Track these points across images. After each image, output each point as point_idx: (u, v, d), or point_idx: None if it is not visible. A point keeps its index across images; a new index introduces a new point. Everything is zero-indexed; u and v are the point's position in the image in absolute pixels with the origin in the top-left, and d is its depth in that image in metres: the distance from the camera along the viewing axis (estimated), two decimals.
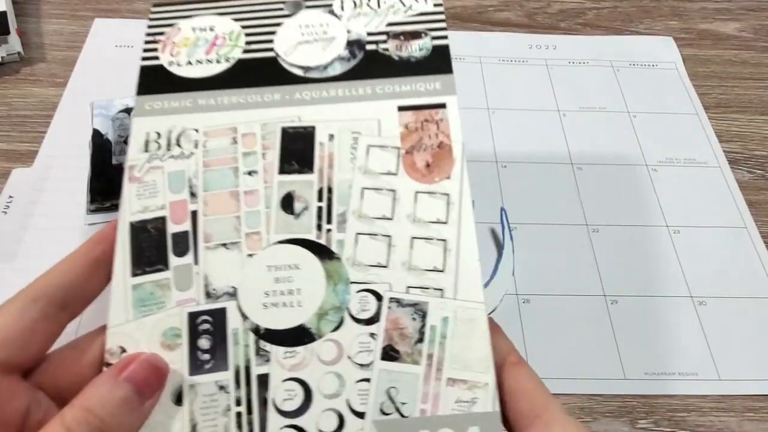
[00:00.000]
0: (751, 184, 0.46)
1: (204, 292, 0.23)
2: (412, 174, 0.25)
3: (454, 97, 0.27)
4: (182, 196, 0.24)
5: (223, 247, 0.24)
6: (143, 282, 0.23)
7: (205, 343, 0.22)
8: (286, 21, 0.28)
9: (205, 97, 0.26)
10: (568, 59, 0.54)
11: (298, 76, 0.27)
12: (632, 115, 0.50)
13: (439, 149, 0.25)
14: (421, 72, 0.27)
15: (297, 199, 0.24)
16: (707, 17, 0.59)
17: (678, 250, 0.42)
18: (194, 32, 0.28)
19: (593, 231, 0.43)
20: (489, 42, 0.55)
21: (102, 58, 0.51)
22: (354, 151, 0.25)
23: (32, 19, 0.53)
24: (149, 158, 0.25)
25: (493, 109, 0.50)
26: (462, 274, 0.23)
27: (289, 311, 0.23)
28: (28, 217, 0.40)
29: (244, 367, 0.22)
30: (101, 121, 0.46)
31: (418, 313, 0.23)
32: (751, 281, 0.41)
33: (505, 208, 0.43)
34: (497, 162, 0.46)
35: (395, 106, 0.26)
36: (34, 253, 0.39)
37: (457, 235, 0.24)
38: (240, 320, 0.23)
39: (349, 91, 0.26)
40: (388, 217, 0.24)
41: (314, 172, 0.25)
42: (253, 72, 0.27)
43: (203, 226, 0.24)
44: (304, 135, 0.25)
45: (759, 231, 0.43)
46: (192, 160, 0.25)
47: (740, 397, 0.36)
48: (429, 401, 0.21)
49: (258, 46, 0.27)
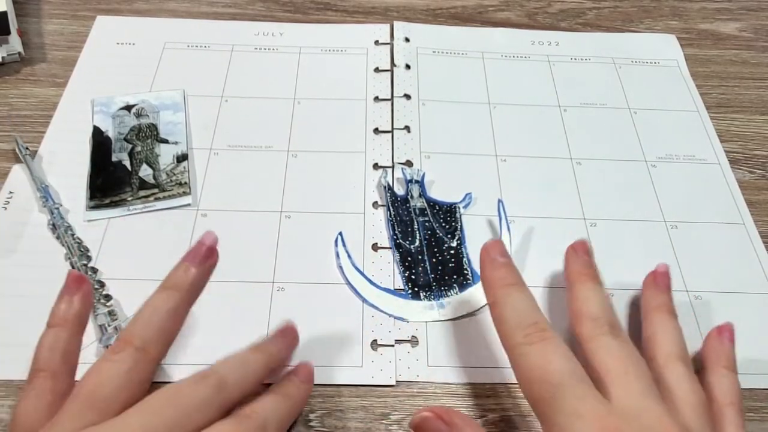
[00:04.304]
0: (751, 184, 0.46)
1: None
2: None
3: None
4: None
5: None
6: None
7: None
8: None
9: None
10: (570, 55, 0.54)
11: None
12: (633, 111, 0.50)
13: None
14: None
15: None
16: (707, 17, 0.59)
17: (675, 245, 0.42)
18: None
19: (591, 225, 0.43)
20: (492, 38, 0.55)
21: (103, 56, 0.51)
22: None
23: (33, 19, 0.54)
24: None
25: (495, 104, 0.50)
26: None
27: None
28: (28, 212, 0.40)
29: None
30: (101, 118, 0.46)
31: None
32: (748, 277, 0.41)
33: (503, 201, 0.43)
34: (497, 156, 0.46)
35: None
36: (34, 249, 0.39)
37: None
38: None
39: None
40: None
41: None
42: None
43: None
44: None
45: (759, 231, 0.43)
46: None
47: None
48: None
49: None
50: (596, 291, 0.33)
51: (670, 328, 0.33)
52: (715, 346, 0.34)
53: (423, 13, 0.57)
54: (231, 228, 0.41)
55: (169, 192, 0.42)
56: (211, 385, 0.27)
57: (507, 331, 0.30)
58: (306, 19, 0.56)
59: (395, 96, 0.49)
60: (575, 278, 0.34)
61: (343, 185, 0.44)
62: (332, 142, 0.46)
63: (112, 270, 0.38)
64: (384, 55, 0.52)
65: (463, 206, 0.43)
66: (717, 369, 0.33)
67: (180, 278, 0.30)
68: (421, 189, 0.43)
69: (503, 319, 0.30)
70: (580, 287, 0.33)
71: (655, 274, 0.37)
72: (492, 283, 0.32)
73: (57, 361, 0.28)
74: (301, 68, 0.51)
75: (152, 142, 0.45)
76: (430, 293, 0.38)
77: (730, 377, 0.33)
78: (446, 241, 0.41)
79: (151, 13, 0.55)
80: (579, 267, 0.34)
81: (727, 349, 0.34)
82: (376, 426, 0.33)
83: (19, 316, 0.36)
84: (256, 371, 0.30)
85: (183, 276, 0.30)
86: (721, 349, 0.34)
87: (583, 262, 0.35)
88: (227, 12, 0.56)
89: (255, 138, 0.46)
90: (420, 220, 0.42)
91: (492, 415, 0.34)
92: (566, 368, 0.27)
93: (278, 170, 0.44)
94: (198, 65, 0.51)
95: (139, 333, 0.28)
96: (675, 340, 0.33)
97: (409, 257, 0.40)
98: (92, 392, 0.26)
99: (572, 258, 0.35)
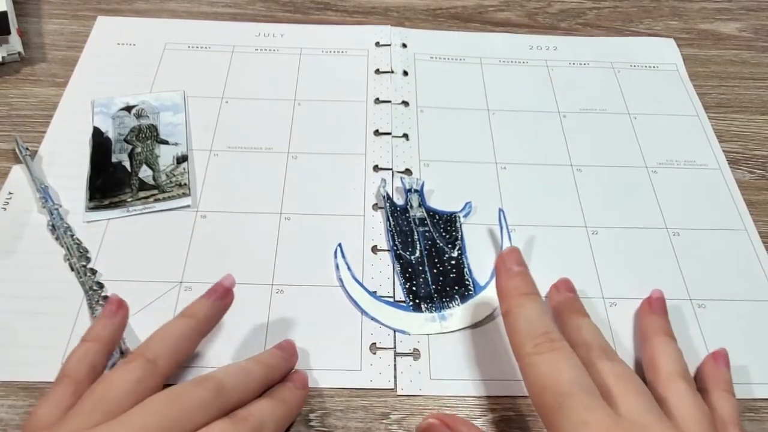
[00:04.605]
0: (751, 184, 0.46)
1: None
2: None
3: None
4: None
5: None
6: None
7: None
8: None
9: None
10: (568, 60, 0.54)
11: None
12: (632, 116, 0.50)
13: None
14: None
15: None
16: (707, 17, 0.59)
17: (677, 253, 0.42)
18: None
19: (592, 233, 0.42)
20: (490, 43, 0.55)
21: (103, 56, 0.51)
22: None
23: (33, 19, 0.54)
24: None
25: (493, 110, 0.49)
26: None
27: None
28: (28, 213, 0.40)
29: None
30: (102, 119, 0.46)
31: None
32: (750, 284, 0.40)
33: (504, 210, 0.42)
34: (497, 163, 0.46)
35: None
36: (33, 250, 0.39)
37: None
38: None
39: None
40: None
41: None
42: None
43: None
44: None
45: (759, 231, 0.43)
46: None
47: (741, 397, 0.36)
48: None
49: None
50: (586, 323, 0.34)
51: (670, 349, 0.34)
52: (713, 371, 0.35)
53: (423, 13, 0.57)
54: (230, 229, 0.41)
55: (168, 193, 0.42)
56: (209, 388, 0.28)
57: (518, 341, 0.30)
58: (306, 19, 0.56)
59: (393, 103, 0.49)
60: (564, 315, 0.35)
61: (343, 187, 0.44)
62: (332, 144, 0.46)
63: (110, 271, 0.38)
64: (384, 57, 0.52)
65: (463, 215, 0.42)
66: (717, 392, 0.33)
67: (198, 308, 0.32)
68: (421, 198, 0.43)
69: (515, 329, 0.31)
70: (566, 320, 0.35)
71: (650, 300, 0.37)
72: (506, 293, 0.32)
73: (83, 372, 0.30)
74: (302, 69, 0.51)
75: (152, 143, 0.45)
76: (431, 305, 0.38)
77: (731, 400, 0.33)
78: (447, 252, 0.40)
79: (151, 14, 0.55)
80: (566, 305, 0.36)
81: (724, 374, 0.34)
82: (376, 426, 0.33)
83: (19, 317, 0.36)
84: (256, 380, 0.31)
85: (200, 307, 0.33)
86: (719, 374, 0.34)
87: (568, 300, 0.37)
88: (227, 12, 0.56)
89: (255, 139, 0.46)
90: (420, 230, 0.41)
91: (492, 415, 0.34)
92: (575, 378, 0.28)
93: (278, 172, 0.44)
94: (198, 66, 0.51)
95: (152, 347, 0.30)
96: (676, 359, 0.33)
97: (410, 268, 0.39)
98: (102, 395, 0.28)
99: (556, 298, 0.37)
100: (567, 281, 0.38)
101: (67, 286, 0.37)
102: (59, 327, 0.36)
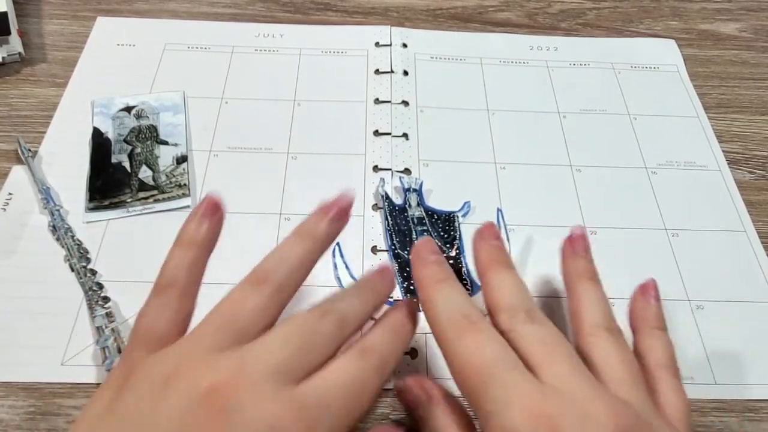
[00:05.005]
0: (751, 185, 0.46)
1: None
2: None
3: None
4: None
5: None
6: None
7: None
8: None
9: None
10: (569, 61, 0.54)
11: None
12: (633, 117, 0.50)
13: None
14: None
15: None
16: (707, 17, 0.59)
17: (676, 254, 0.42)
18: None
19: (591, 233, 0.42)
20: (490, 43, 0.55)
21: (103, 57, 0.51)
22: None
23: (33, 19, 0.54)
24: None
25: (493, 111, 0.49)
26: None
27: None
28: (28, 214, 0.40)
29: None
30: (101, 119, 0.46)
31: None
32: (749, 286, 0.40)
33: (502, 210, 0.42)
34: (496, 163, 0.46)
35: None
36: (33, 250, 0.39)
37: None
38: None
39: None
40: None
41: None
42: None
43: None
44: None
45: (758, 232, 0.43)
46: None
47: (740, 398, 0.36)
48: None
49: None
50: (509, 277, 0.30)
51: (593, 297, 0.31)
52: (642, 307, 0.33)
53: (423, 14, 0.57)
54: (230, 230, 0.41)
55: (168, 194, 0.42)
56: (333, 321, 0.27)
57: (439, 329, 0.28)
58: (306, 20, 0.56)
59: (393, 103, 0.49)
60: (486, 267, 0.31)
61: (342, 187, 0.43)
62: (332, 144, 0.46)
63: (110, 271, 0.38)
64: (384, 57, 0.52)
65: (461, 215, 0.42)
66: (647, 330, 0.31)
67: (318, 228, 0.30)
68: (419, 198, 0.43)
69: (435, 318, 0.28)
70: (492, 276, 0.30)
71: (571, 239, 0.33)
72: (422, 282, 0.30)
73: (183, 278, 0.28)
74: (302, 70, 0.51)
75: (152, 144, 0.45)
76: None
77: (662, 337, 0.31)
78: (445, 251, 0.40)
79: (151, 14, 0.55)
80: (488, 255, 0.31)
81: (654, 309, 0.32)
82: (375, 426, 0.33)
83: (19, 317, 0.36)
84: (368, 311, 0.29)
85: (321, 226, 0.30)
86: (648, 309, 0.32)
87: (492, 248, 0.31)
88: (227, 12, 0.56)
89: (255, 140, 0.46)
90: (418, 230, 0.41)
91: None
92: (495, 356, 0.26)
93: (278, 172, 0.44)
94: (198, 67, 0.51)
95: (279, 274, 0.28)
96: (599, 309, 0.30)
97: (408, 267, 0.39)
98: (233, 318, 0.26)
99: (480, 246, 0.32)
100: (491, 226, 0.32)
101: (67, 287, 0.37)
102: (59, 327, 0.36)
